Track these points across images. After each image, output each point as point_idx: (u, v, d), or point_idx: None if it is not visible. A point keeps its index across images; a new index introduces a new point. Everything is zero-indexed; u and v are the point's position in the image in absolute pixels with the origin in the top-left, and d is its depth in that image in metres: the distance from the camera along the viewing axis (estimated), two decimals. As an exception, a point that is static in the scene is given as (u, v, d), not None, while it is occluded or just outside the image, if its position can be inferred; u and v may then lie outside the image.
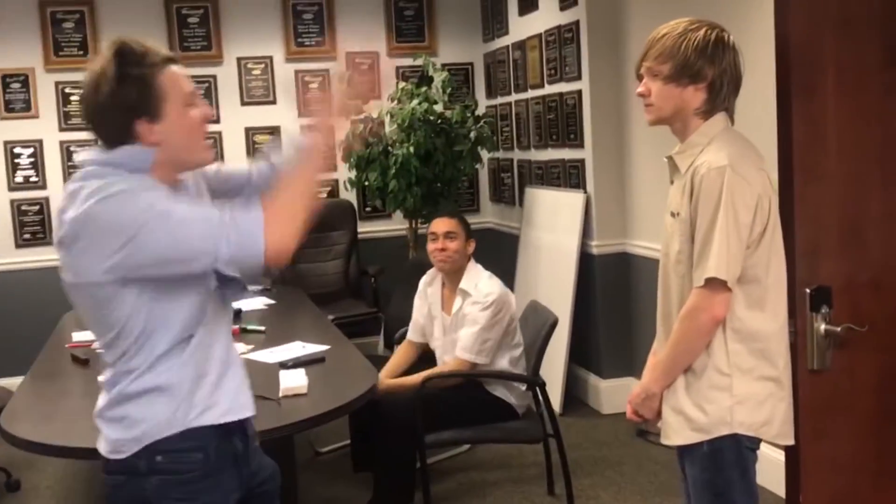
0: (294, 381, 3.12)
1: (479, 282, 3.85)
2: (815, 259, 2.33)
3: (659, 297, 2.32)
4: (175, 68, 1.88)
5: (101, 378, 2.00)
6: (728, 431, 2.15)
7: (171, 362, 1.89)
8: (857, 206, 2.40)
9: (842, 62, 2.29)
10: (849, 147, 2.35)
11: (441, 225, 3.93)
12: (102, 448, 1.97)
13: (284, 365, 3.41)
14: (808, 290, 2.28)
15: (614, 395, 5.06)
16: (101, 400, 1.98)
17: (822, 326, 2.27)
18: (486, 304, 3.74)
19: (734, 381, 2.15)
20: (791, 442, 2.25)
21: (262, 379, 3.12)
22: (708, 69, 2.16)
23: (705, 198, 2.10)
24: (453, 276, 3.93)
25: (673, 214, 2.23)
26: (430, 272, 4.08)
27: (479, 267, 3.95)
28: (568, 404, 5.10)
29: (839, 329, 2.27)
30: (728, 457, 2.16)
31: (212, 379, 1.95)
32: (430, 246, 3.94)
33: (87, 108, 1.89)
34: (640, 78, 2.26)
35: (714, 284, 2.10)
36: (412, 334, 4.14)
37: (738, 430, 2.15)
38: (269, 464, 2.19)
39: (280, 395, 3.03)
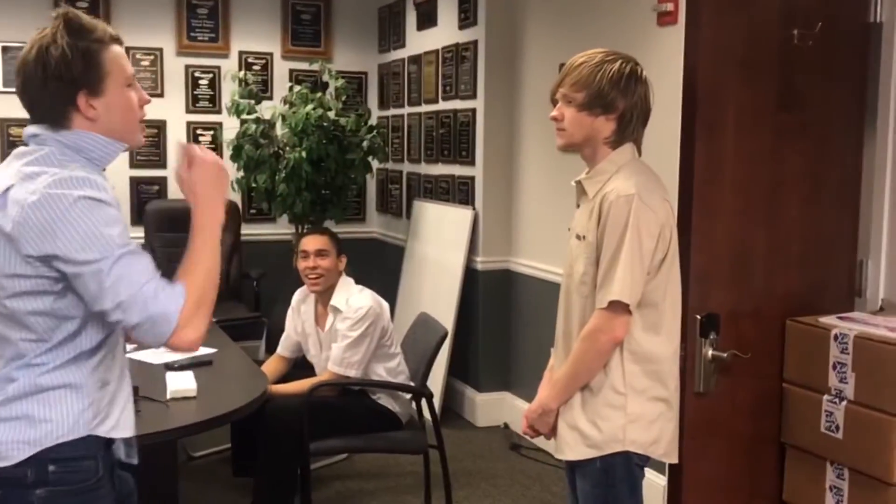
0: (182, 383, 3.05)
1: (350, 297, 3.83)
2: (706, 287, 2.45)
3: (559, 316, 2.39)
4: (118, 48, 1.85)
5: None
6: (620, 449, 2.23)
7: (87, 362, 1.81)
8: (746, 241, 2.55)
9: (742, 103, 2.43)
10: (742, 184, 2.49)
11: (312, 242, 3.86)
12: None
13: (171, 366, 3.32)
14: (698, 317, 2.41)
15: (490, 408, 5.15)
16: None
17: (710, 352, 2.40)
18: (356, 320, 3.74)
19: (629, 401, 2.23)
20: (675, 461, 2.35)
21: (148, 380, 3.04)
22: (620, 101, 2.24)
23: (612, 224, 2.18)
24: (325, 293, 3.88)
25: (579, 237, 2.30)
26: (303, 289, 4.02)
27: (350, 281, 3.92)
28: (444, 416, 5.16)
29: (725, 355, 2.40)
30: (619, 473, 2.25)
31: (111, 389, 1.88)
32: (302, 264, 3.85)
33: (28, 78, 1.80)
34: (554, 102, 2.33)
35: (616, 307, 2.18)
36: (282, 349, 4.10)
37: (629, 448, 2.23)
38: (129, 478, 2.05)
39: (168, 397, 2.96)
